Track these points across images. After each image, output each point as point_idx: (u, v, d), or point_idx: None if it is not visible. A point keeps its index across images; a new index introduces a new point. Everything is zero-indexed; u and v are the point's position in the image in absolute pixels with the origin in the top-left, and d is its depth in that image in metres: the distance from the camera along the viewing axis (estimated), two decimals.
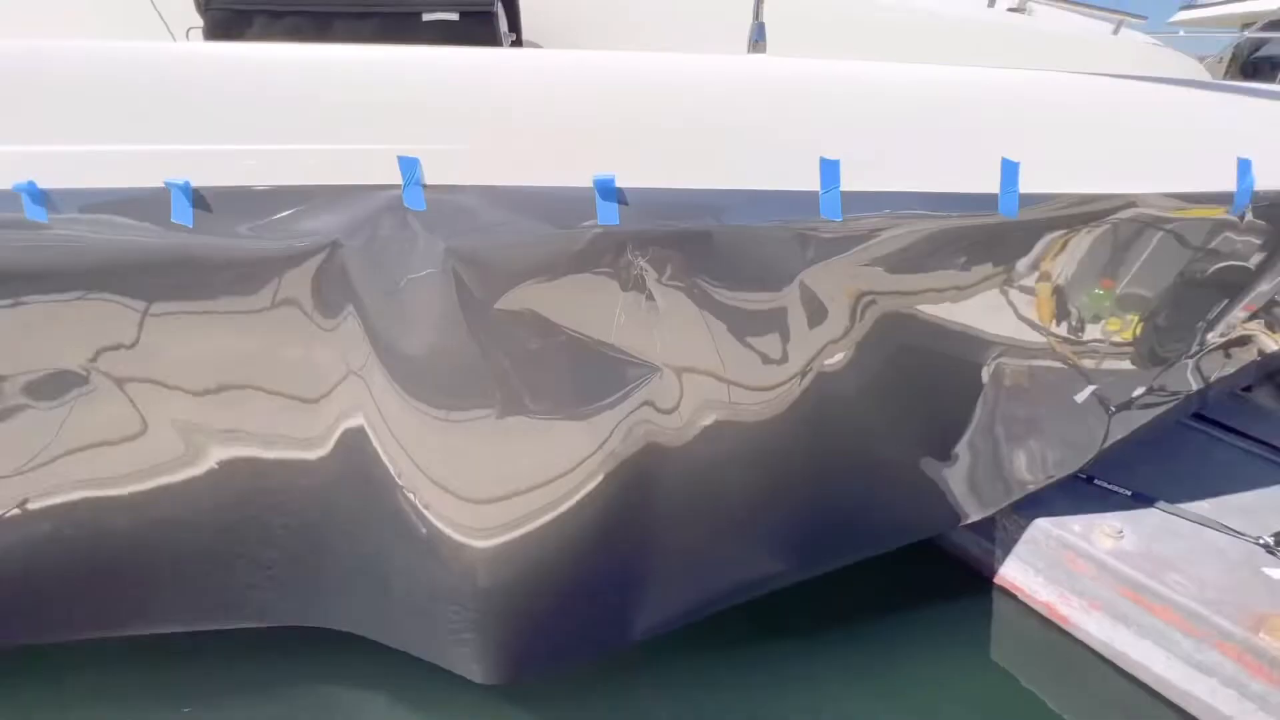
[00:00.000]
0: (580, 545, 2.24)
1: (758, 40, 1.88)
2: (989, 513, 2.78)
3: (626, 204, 1.88)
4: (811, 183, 1.86)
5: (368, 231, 1.88)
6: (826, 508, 2.49)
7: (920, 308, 2.15)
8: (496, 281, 1.90)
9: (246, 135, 1.88)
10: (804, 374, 2.18)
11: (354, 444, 2.13)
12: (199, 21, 2.04)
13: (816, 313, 2.07)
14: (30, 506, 2.22)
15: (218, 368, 2.05)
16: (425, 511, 2.14)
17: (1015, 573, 2.93)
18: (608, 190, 1.87)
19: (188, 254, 1.91)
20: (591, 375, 2.07)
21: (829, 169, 1.83)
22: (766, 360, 2.13)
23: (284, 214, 1.90)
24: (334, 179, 1.88)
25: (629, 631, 2.43)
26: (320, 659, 2.55)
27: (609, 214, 1.89)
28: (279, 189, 1.89)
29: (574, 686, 2.52)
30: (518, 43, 2.24)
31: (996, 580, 2.98)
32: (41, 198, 1.91)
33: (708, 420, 2.18)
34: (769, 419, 2.22)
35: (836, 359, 2.18)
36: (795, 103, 1.88)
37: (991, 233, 1.98)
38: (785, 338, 2.10)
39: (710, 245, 1.92)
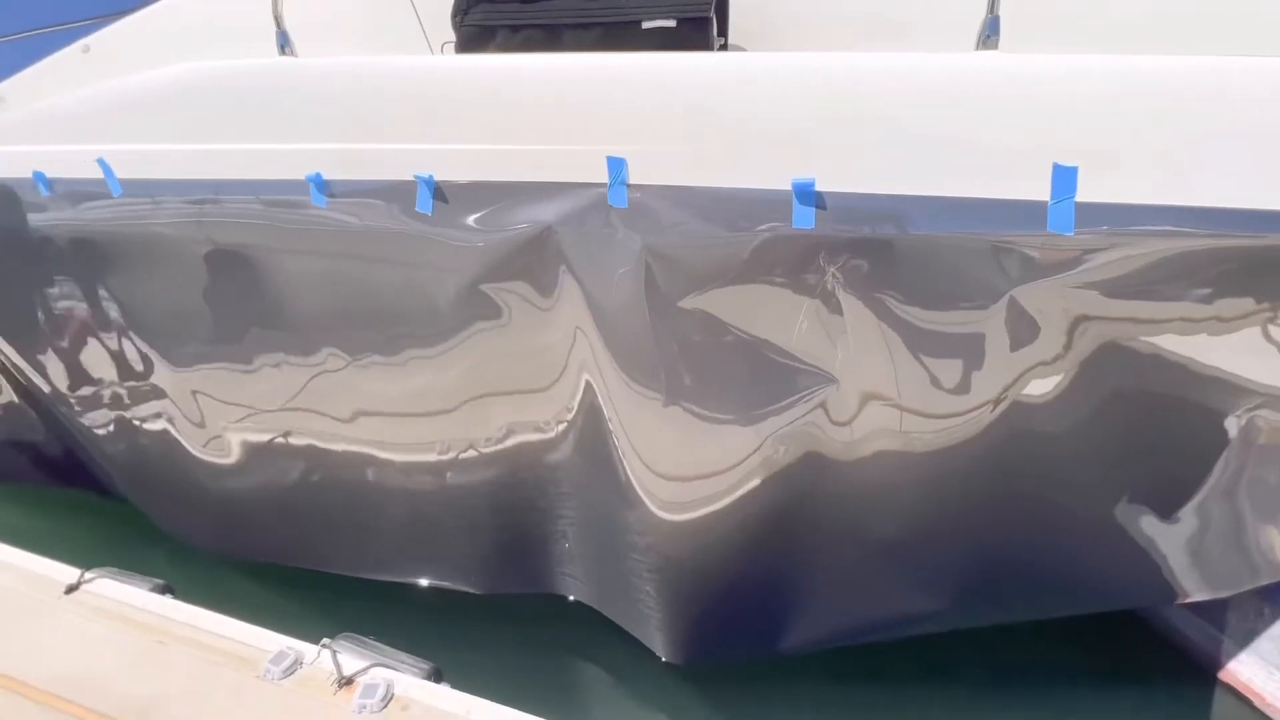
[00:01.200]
0: (746, 543, 2.25)
1: (989, 36, 1.75)
2: (1219, 594, 2.35)
3: (824, 208, 1.86)
4: (1039, 192, 1.70)
5: (578, 222, 2.05)
6: (1010, 552, 2.25)
7: (1155, 340, 1.87)
8: (687, 278, 1.97)
9: (482, 136, 2.14)
10: (998, 402, 1.99)
11: (586, 414, 2.31)
12: (453, 37, 2.35)
13: (1025, 336, 1.88)
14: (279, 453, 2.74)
15: (449, 336, 2.33)
16: (630, 481, 2.28)
17: (1253, 673, 2.45)
18: (805, 194, 1.86)
19: (428, 238, 2.21)
20: (764, 378, 2.07)
21: (1063, 176, 1.66)
22: (958, 383, 1.98)
23: (507, 205, 2.13)
24: (553, 176, 2.07)
25: (788, 638, 2.40)
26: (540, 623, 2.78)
27: (805, 218, 1.87)
28: (505, 184, 2.13)
29: (723, 683, 2.55)
30: (725, 46, 2.29)
31: (1222, 676, 2.52)
32: (324, 187, 2.33)
33: (883, 439, 2.07)
34: (953, 445, 2.06)
35: (1041, 390, 1.97)
36: (1027, 104, 1.73)
37: (1270, 257, 1.68)
38: (983, 361, 1.94)
39: (913, 255, 1.83)
